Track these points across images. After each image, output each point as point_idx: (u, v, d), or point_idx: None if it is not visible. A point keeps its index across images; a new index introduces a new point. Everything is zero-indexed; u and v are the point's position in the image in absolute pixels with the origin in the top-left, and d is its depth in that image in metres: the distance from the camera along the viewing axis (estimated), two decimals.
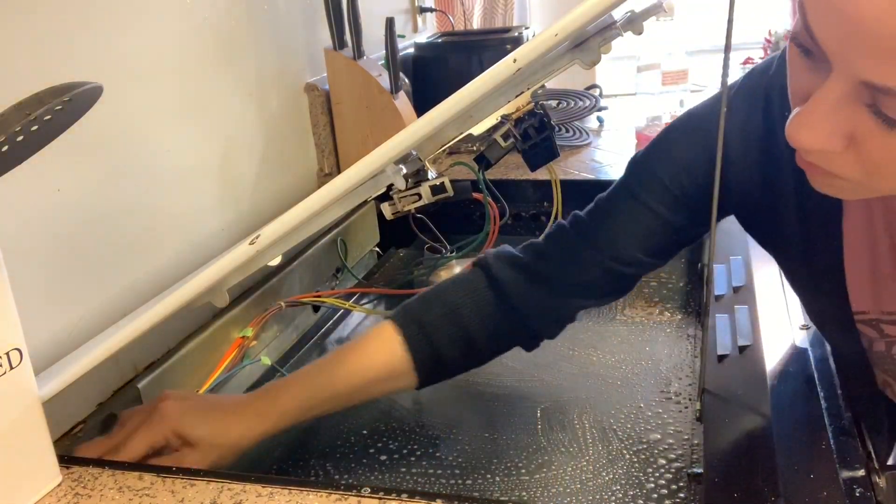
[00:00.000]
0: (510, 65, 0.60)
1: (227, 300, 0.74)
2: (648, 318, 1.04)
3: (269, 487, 0.60)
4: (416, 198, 0.75)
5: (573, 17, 0.57)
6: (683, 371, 0.90)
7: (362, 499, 0.58)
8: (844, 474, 0.56)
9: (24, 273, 0.71)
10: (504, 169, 1.31)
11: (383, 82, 1.25)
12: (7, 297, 0.59)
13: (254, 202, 1.11)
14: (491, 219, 0.89)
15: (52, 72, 0.75)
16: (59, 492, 0.62)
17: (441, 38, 1.65)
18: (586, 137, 1.51)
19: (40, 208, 0.74)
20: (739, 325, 0.80)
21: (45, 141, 0.54)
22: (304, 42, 1.25)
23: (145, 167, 0.89)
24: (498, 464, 0.76)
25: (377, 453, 0.80)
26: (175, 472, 0.63)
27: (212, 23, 1.01)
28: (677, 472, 0.73)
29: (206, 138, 1.01)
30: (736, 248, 0.98)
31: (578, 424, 0.81)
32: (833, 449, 0.59)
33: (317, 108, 1.27)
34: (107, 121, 0.82)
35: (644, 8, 0.71)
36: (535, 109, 0.76)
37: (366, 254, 1.25)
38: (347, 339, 1.09)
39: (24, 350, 0.61)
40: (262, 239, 0.67)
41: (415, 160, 0.74)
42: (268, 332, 0.96)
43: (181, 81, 0.95)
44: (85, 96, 0.53)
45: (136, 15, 0.87)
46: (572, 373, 0.93)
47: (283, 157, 1.21)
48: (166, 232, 0.92)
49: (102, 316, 0.82)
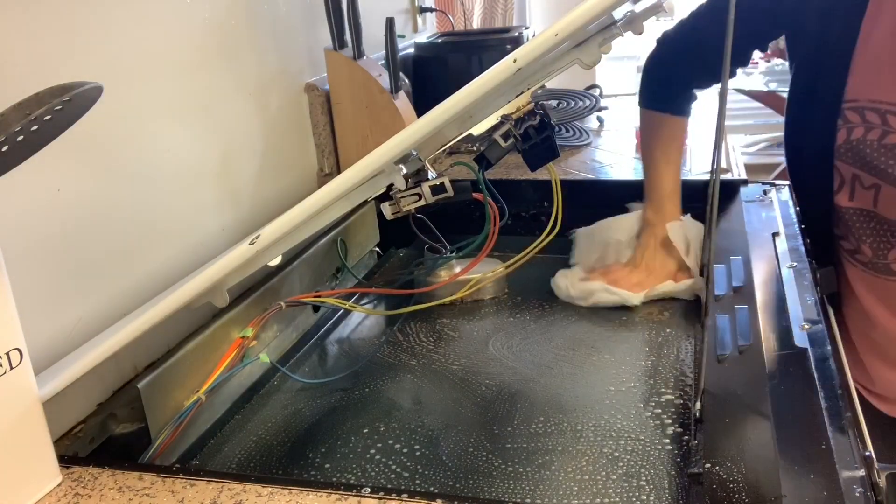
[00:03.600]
0: (510, 65, 0.60)
1: (227, 300, 0.74)
2: (648, 319, 1.04)
3: (269, 487, 0.60)
4: (416, 198, 0.75)
5: (573, 17, 0.57)
6: (683, 371, 0.90)
7: (362, 499, 0.58)
8: (844, 474, 0.56)
9: (24, 273, 0.71)
10: (504, 169, 1.31)
11: (383, 82, 1.26)
12: (7, 297, 0.59)
13: (254, 202, 1.11)
14: (491, 219, 0.89)
15: (52, 72, 0.75)
16: (59, 492, 0.62)
17: (441, 38, 1.65)
18: (586, 137, 1.51)
19: (40, 208, 0.74)
20: (739, 325, 0.80)
21: (45, 141, 0.54)
22: (304, 42, 1.25)
23: (145, 167, 0.89)
24: (498, 464, 0.76)
25: (377, 453, 0.80)
26: (175, 471, 0.63)
27: (212, 23, 1.01)
28: (677, 472, 0.73)
29: (206, 138, 1.01)
30: (736, 248, 0.98)
31: (578, 424, 0.81)
32: (833, 449, 0.59)
33: (317, 108, 1.27)
34: (107, 121, 0.82)
35: (644, 8, 0.71)
36: (536, 109, 0.76)
37: (366, 254, 1.25)
38: (347, 339, 1.09)
39: (24, 350, 0.61)
40: (262, 239, 0.68)
41: (415, 160, 0.74)
42: (268, 332, 0.96)
43: (181, 81, 0.95)
44: (85, 96, 0.53)
45: (137, 15, 0.87)
46: (572, 373, 0.93)
47: (283, 157, 1.21)
48: (166, 232, 0.92)
49: (102, 316, 0.82)
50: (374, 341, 1.06)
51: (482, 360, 0.97)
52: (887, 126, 0.86)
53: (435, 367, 0.97)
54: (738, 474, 0.59)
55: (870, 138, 0.88)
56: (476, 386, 0.92)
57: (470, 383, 0.92)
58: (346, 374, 0.96)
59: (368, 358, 0.99)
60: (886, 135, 0.87)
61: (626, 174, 1.31)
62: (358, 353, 1.04)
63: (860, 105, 0.87)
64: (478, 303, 1.13)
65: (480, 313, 1.11)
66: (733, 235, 1.03)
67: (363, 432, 0.83)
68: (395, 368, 0.97)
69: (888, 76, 0.85)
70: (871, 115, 0.87)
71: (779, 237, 0.99)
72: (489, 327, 1.07)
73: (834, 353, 0.74)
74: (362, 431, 0.84)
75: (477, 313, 1.11)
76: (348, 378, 0.95)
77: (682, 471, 0.73)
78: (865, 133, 0.88)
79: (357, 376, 0.95)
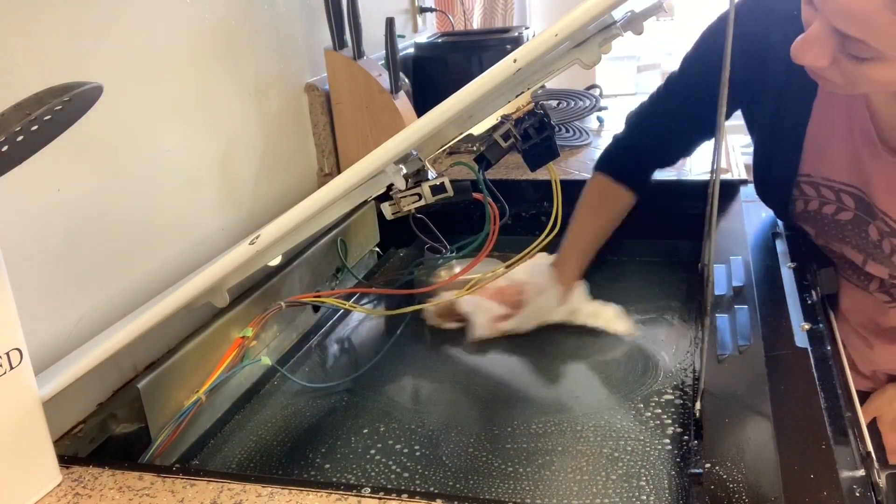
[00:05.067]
0: (510, 65, 0.60)
1: (227, 300, 0.74)
2: (648, 319, 1.04)
3: (269, 487, 0.60)
4: (416, 198, 0.75)
5: (573, 17, 0.57)
6: (683, 371, 0.90)
7: (362, 499, 0.58)
8: (844, 474, 0.56)
9: (24, 273, 0.71)
10: (504, 169, 1.31)
11: (383, 82, 1.25)
12: (7, 298, 0.59)
13: (254, 202, 1.11)
14: (491, 219, 0.89)
15: (52, 72, 0.75)
16: (59, 492, 0.62)
17: (441, 38, 1.65)
18: (586, 137, 1.51)
19: (40, 208, 0.74)
20: (739, 325, 0.80)
21: (45, 141, 0.54)
22: (304, 42, 1.25)
23: (145, 167, 0.89)
24: (497, 464, 0.76)
25: (377, 453, 0.80)
26: (175, 471, 0.63)
27: (212, 23, 1.01)
28: (677, 473, 0.73)
29: (206, 138, 1.01)
30: (736, 248, 0.98)
31: (578, 424, 0.81)
32: (833, 449, 0.59)
33: (317, 108, 1.27)
34: (107, 121, 0.82)
35: (644, 8, 0.71)
36: (535, 109, 0.76)
37: (366, 254, 1.25)
38: (347, 339, 1.09)
39: (24, 350, 0.61)
40: (262, 239, 0.68)
41: (415, 160, 0.74)
42: (268, 332, 0.96)
43: (181, 81, 0.95)
44: (85, 96, 0.53)
45: (137, 15, 0.87)
46: (572, 373, 0.93)
47: (283, 157, 1.21)
48: (166, 232, 0.92)
49: (102, 316, 0.82)
50: (374, 342, 1.06)
51: (482, 361, 0.97)
52: (841, 203, 0.88)
53: (435, 367, 0.97)
54: (738, 474, 0.59)
55: (825, 212, 0.90)
56: (476, 386, 0.92)
57: (470, 383, 0.92)
58: (347, 379, 0.96)
59: (371, 364, 0.99)
60: (840, 211, 0.88)
61: None
62: (358, 353, 1.04)
63: (814, 180, 0.89)
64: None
65: None
66: (733, 235, 1.03)
67: (363, 432, 0.83)
68: (395, 368, 0.97)
69: (839, 157, 0.85)
70: (825, 190, 0.89)
71: (779, 237, 0.99)
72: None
73: (834, 353, 0.74)
74: (362, 431, 0.84)
75: None
76: (348, 379, 0.95)
77: (682, 471, 0.73)
78: (820, 207, 0.90)
79: (357, 377, 0.95)
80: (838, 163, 0.86)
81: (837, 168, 0.86)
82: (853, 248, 0.90)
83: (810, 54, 0.68)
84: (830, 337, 0.77)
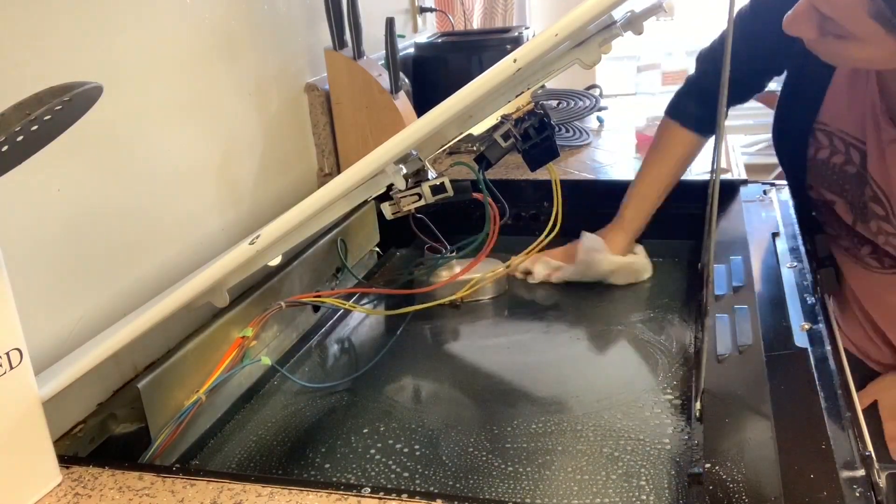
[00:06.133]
0: (510, 65, 0.60)
1: (227, 300, 0.74)
2: (649, 319, 1.04)
3: (269, 487, 0.60)
4: (416, 198, 0.75)
5: (573, 17, 0.57)
6: (683, 371, 0.90)
7: (362, 499, 0.58)
8: (844, 474, 0.56)
9: (24, 273, 0.71)
10: (504, 169, 1.31)
11: (383, 82, 1.25)
12: (7, 297, 0.59)
13: (254, 202, 1.11)
14: (491, 219, 0.89)
15: (52, 72, 0.75)
16: (59, 492, 0.62)
17: (441, 38, 1.65)
18: (586, 137, 1.51)
19: (40, 208, 0.74)
20: (739, 325, 0.80)
21: (45, 141, 0.54)
22: (304, 42, 1.25)
23: (145, 167, 0.89)
24: (498, 464, 0.76)
25: (377, 453, 0.80)
26: (175, 471, 0.63)
27: (212, 23, 1.01)
28: (677, 472, 0.73)
29: (205, 138, 1.01)
30: (736, 248, 0.98)
31: (578, 424, 0.81)
32: (833, 449, 0.59)
33: (317, 108, 1.27)
34: (107, 121, 0.82)
35: (644, 8, 0.71)
36: (535, 109, 0.77)
37: (366, 254, 1.25)
38: (347, 339, 1.09)
39: (24, 350, 0.61)
40: (262, 239, 0.68)
41: (415, 160, 0.74)
42: (268, 332, 0.96)
43: (181, 81, 0.95)
44: (85, 96, 0.53)
45: (137, 15, 0.87)
46: (572, 373, 0.93)
47: (283, 157, 1.21)
48: (166, 232, 0.92)
49: (102, 316, 0.82)
50: (374, 342, 1.06)
51: (482, 360, 0.98)
52: (849, 156, 0.91)
53: (435, 366, 0.97)
54: (738, 474, 0.59)
55: (833, 161, 0.93)
56: (476, 386, 0.92)
57: (470, 383, 0.92)
58: (347, 379, 0.96)
59: (371, 364, 0.99)
60: (847, 163, 0.92)
61: (626, 174, 1.31)
62: (358, 353, 1.04)
63: (830, 130, 0.92)
64: (478, 303, 1.13)
65: (480, 313, 1.11)
66: (733, 235, 1.03)
67: (363, 432, 0.83)
68: (395, 368, 0.97)
69: (854, 113, 0.89)
70: (838, 141, 0.92)
71: (779, 237, 0.99)
72: (489, 327, 1.07)
73: (834, 353, 0.74)
74: (362, 431, 0.84)
75: (477, 313, 1.11)
76: (348, 379, 0.95)
77: (682, 471, 0.73)
78: (830, 156, 0.93)
79: (357, 377, 0.95)
80: (852, 118, 0.90)
81: (851, 123, 0.90)
82: (847, 203, 0.93)
83: (797, 27, 0.73)
84: (830, 337, 0.77)
